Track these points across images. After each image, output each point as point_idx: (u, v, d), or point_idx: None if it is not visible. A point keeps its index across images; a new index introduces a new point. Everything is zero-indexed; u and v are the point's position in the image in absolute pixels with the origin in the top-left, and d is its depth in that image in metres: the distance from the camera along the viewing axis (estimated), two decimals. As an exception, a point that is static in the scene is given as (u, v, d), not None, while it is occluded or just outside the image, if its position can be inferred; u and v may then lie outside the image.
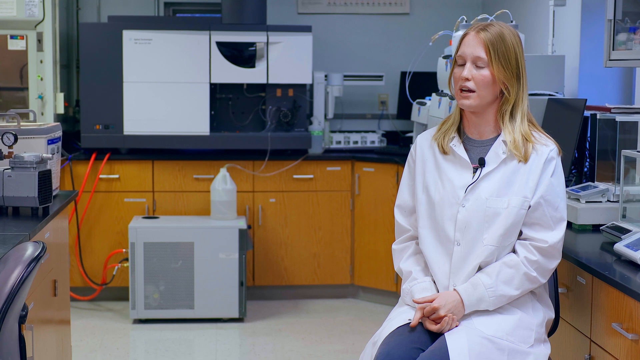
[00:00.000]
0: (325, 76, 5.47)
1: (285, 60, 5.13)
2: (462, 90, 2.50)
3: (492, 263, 2.48)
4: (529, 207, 2.46)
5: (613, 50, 3.06)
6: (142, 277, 4.77)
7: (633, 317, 2.30)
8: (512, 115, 2.51)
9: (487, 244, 2.46)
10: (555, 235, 2.46)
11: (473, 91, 2.48)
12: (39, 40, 4.97)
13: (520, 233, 2.50)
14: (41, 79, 4.98)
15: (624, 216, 2.92)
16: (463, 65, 2.51)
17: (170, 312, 4.83)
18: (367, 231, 5.28)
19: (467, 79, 2.48)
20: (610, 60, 3.08)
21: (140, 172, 5.13)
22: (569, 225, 3.03)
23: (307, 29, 5.18)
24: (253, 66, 5.16)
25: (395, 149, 5.44)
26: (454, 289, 2.47)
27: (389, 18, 5.91)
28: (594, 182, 3.23)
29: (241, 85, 5.24)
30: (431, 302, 2.45)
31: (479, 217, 2.47)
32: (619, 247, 2.60)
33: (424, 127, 4.51)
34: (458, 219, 2.49)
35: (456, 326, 2.44)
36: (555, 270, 2.63)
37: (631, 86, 4.17)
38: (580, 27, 4.30)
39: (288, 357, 4.38)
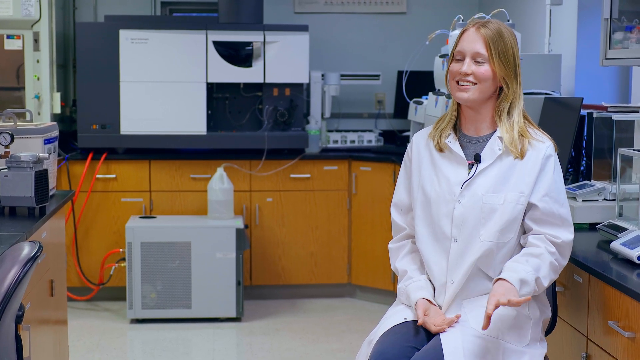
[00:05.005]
0: (322, 75, 5.47)
1: (282, 60, 5.13)
2: (459, 84, 2.49)
3: (490, 260, 2.46)
4: (533, 205, 2.45)
5: (609, 49, 3.06)
6: (139, 276, 4.77)
7: (629, 315, 2.30)
8: (509, 113, 2.51)
9: (484, 240, 2.46)
10: (567, 233, 2.47)
11: (474, 84, 2.47)
12: (36, 40, 4.96)
13: (529, 230, 2.49)
14: (38, 79, 4.98)
15: (620, 214, 2.92)
16: (461, 60, 2.50)
17: (167, 312, 4.82)
18: (364, 230, 5.28)
19: (467, 74, 2.47)
20: (606, 59, 3.08)
21: (137, 172, 5.13)
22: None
23: (303, 28, 5.18)
24: (250, 65, 5.16)
25: (392, 148, 5.44)
26: (500, 278, 2.39)
27: (386, 17, 5.91)
28: (590, 180, 3.23)
29: (238, 84, 5.24)
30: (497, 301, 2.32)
31: (476, 213, 2.47)
32: (616, 245, 2.60)
33: (420, 126, 4.51)
34: (454, 216, 2.49)
35: (454, 324, 2.43)
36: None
37: (627, 85, 4.18)
38: (576, 26, 4.31)
39: (285, 356, 4.38)
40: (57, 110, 5.06)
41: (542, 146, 2.49)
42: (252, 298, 5.28)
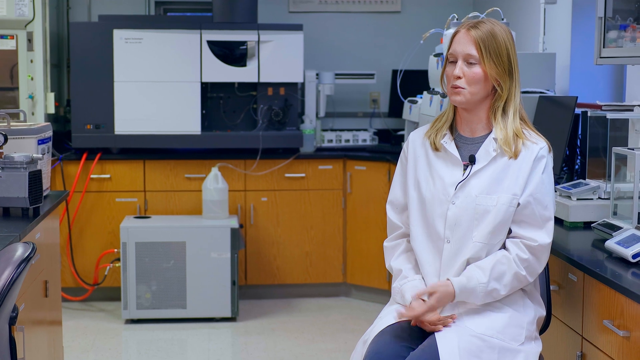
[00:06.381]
0: (317, 75, 5.47)
1: (277, 59, 5.12)
2: (453, 87, 2.50)
3: (481, 259, 2.47)
4: (518, 204, 2.46)
5: (604, 47, 3.06)
6: (134, 277, 4.76)
7: (624, 314, 2.31)
8: (504, 111, 2.51)
9: (476, 241, 2.46)
10: (545, 236, 2.46)
11: (464, 88, 2.48)
12: (29, 40, 4.95)
13: (510, 231, 2.50)
14: (31, 79, 4.97)
15: (615, 213, 2.92)
16: (454, 62, 2.51)
17: (162, 312, 4.82)
18: (359, 229, 5.28)
19: (459, 77, 2.48)
20: (600, 57, 3.08)
21: (132, 172, 5.12)
22: (561, 222, 3.04)
23: (298, 27, 5.18)
24: (244, 65, 5.15)
25: (387, 147, 5.44)
26: (447, 279, 2.45)
27: (380, 16, 5.90)
28: (585, 179, 3.24)
29: (232, 84, 5.24)
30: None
31: (469, 215, 2.47)
32: (610, 244, 2.60)
33: (415, 125, 4.51)
34: (448, 216, 2.49)
35: (449, 324, 2.43)
36: (547, 267, 2.63)
37: (622, 83, 4.18)
38: (571, 24, 4.31)
39: (280, 356, 4.38)
40: (51, 110, 5.05)
41: (535, 147, 2.49)
42: (247, 298, 5.27)
